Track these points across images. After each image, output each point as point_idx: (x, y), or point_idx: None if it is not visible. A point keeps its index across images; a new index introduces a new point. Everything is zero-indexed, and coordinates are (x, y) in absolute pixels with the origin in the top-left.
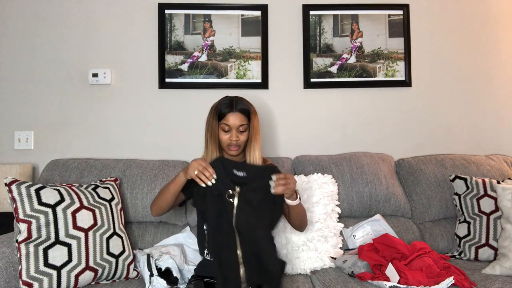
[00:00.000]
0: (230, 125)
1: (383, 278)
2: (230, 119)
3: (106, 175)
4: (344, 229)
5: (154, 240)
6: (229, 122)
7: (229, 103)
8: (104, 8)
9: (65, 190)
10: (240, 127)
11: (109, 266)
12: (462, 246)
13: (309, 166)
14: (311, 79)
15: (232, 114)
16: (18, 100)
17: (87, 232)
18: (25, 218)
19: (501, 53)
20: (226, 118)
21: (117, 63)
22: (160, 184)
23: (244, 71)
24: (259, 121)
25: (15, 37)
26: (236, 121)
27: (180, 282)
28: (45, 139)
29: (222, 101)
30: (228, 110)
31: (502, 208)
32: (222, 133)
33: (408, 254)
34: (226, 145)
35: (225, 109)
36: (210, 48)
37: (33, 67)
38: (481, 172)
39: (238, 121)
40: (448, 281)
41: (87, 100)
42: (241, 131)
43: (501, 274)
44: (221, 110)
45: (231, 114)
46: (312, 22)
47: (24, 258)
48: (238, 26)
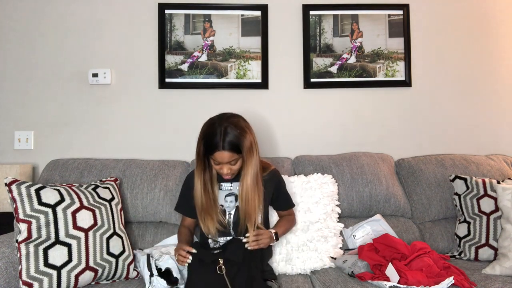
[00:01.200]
0: (219, 162)
1: (383, 278)
2: (217, 158)
3: (106, 175)
4: (344, 229)
5: (154, 240)
6: (217, 160)
7: (216, 138)
8: (104, 8)
9: (65, 190)
10: (230, 162)
11: (109, 266)
12: (462, 246)
13: (309, 166)
14: (311, 79)
15: (220, 153)
16: (18, 100)
17: (87, 232)
18: (25, 218)
19: (501, 53)
20: (214, 156)
21: (117, 63)
22: (160, 184)
23: (244, 71)
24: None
25: (15, 37)
26: (224, 159)
27: (180, 282)
28: (45, 139)
29: (209, 132)
30: (215, 149)
31: (502, 208)
32: (214, 164)
33: (408, 254)
34: (220, 174)
35: (213, 146)
36: (210, 48)
37: (33, 67)
38: (481, 172)
39: (226, 158)
40: (448, 281)
41: (87, 100)
42: (232, 164)
43: (501, 274)
44: (208, 145)
45: (219, 153)
46: (312, 22)
47: (24, 258)
48: (238, 26)
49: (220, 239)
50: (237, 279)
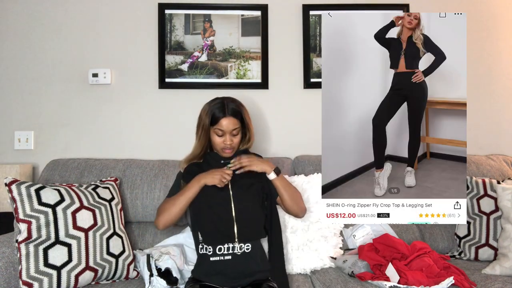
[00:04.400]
0: (224, 130)
1: (383, 278)
2: (223, 124)
3: (106, 175)
4: (344, 229)
5: (154, 240)
6: (223, 127)
7: (221, 106)
8: (104, 8)
9: (65, 190)
10: (233, 131)
11: (109, 266)
12: (462, 246)
13: (309, 166)
14: (311, 79)
15: (225, 119)
16: (18, 100)
17: (87, 232)
18: (25, 218)
19: (501, 52)
20: (220, 123)
21: (117, 63)
22: (160, 184)
23: (244, 71)
24: (249, 116)
25: (15, 37)
26: (230, 126)
27: (180, 283)
28: (45, 139)
29: (213, 104)
30: (221, 115)
31: (502, 208)
32: (216, 137)
33: (408, 254)
34: (220, 148)
35: (218, 114)
36: (210, 48)
37: (33, 67)
38: (481, 172)
39: (231, 125)
40: (448, 281)
41: (87, 100)
42: (234, 134)
43: (501, 274)
44: (213, 114)
45: (224, 119)
46: (312, 22)
47: (24, 258)
48: (238, 26)
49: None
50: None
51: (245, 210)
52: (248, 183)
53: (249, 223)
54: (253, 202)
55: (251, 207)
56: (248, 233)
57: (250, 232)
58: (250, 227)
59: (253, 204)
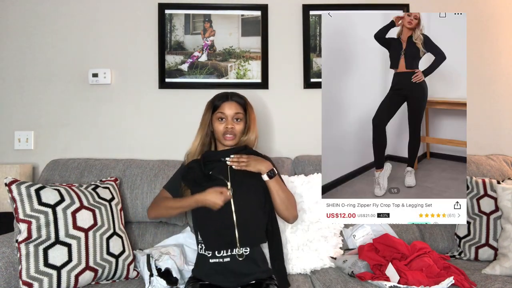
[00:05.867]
0: (225, 114)
1: (383, 278)
2: (225, 108)
3: (106, 175)
4: (344, 229)
5: (154, 240)
6: (224, 110)
7: (224, 94)
8: (104, 8)
9: (65, 190)
10: (235, 115)
11: (109, 266)
12: (462, 246)
13: (309, 166)
14: (311, 79)
15: (227, 103)
16: (18, 100)
17: (87, 232)
18: (25, 218)
19: (501, 53)
20: (221, 107)
21: (117, 63)
22: (160, 184)
23: (244, 71)
24: (253, 109)
25: (15, 37)
26: (232, 109)
27: (180, 283)
28: (45, 139)
29: (217, 95)
30: (224, 100)
31: (502, 208)
32: (217, 123)
33: (408, 254)
34: (221, 135)
35: (220, 99)
36: (210, 48)
37: (33, 67)
38: (481, 172)
39: (233, 109)
40: (448, 281)
41: (87, 100)
42: (236, 119)
43: (501, 274)
44: (216, 101)
45: (226, 103)
46: (312, 22)
47: (24, 258)
48: (238, 26)
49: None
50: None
51: (246, 215)
52: (249, 184)
53: (251, 228)
54: (254, 206)
55: (252, 211)
56: (250, 239)
57: (251, 238)
58: (252, 233)
59: (254, 208)
